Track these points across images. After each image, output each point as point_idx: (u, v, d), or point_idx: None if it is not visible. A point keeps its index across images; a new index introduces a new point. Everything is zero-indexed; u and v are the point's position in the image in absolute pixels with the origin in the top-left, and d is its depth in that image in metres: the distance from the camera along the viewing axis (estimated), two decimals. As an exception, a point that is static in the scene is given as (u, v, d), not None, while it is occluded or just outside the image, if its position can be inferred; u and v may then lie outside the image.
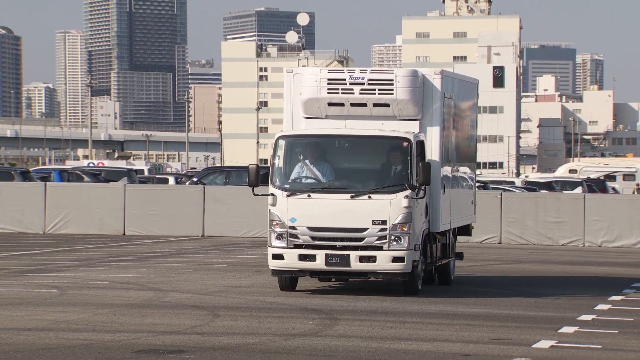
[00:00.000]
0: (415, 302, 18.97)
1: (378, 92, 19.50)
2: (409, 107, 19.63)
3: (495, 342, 14.84)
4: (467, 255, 29.22)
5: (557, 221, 36.05)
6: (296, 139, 19.41)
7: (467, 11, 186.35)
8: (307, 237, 18.87)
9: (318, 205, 18.90)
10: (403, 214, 18.79)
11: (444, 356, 13.68)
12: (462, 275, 24.20)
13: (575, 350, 14.32)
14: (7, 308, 17.44)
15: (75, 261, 26.56)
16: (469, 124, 22.99)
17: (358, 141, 19.34)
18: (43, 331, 15.09)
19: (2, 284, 21.01)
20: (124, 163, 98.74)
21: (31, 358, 13.04)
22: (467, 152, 22.87)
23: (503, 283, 23.26)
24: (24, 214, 37.17)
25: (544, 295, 21.05)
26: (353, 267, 18.83)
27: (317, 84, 19.60)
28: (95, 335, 14.73)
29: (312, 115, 19.84)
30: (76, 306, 17.78)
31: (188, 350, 13.66)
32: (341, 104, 19.66)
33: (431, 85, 19.88)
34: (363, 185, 19.00)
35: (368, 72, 19.64)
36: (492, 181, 50.89)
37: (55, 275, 23.07)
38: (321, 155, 19.24)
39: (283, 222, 18.91)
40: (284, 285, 19.67)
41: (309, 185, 19.07)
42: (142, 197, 37.28)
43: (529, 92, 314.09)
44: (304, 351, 13.85)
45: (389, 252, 18.82)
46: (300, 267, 18.99)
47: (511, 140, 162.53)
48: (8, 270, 23.84)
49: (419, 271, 19.40)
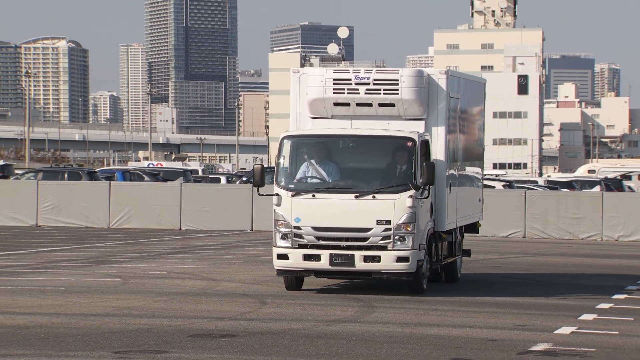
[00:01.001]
0: (445, 291, 18.89)
1: (383, 92, 18.14)
2: (414, 106, 18.25)
3: (519, 328, 14.75)
4: (493, 249, 29.06)
5: (577, 217, 35.84)
6: (300, 139, 18.01)
7: (494, 24, 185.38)
8: (312, 237, 17.49)
9: (322, 205, 17.53)
10: (407, 213, 17.40)
11: (473, 341, 13.62)
12: (490, 265, 24.06)
13: (594, 336, 14.21)
14: (75, 295, 17.56)
15: (136, 253, 26.69)
16: (476, 123, 21.43)
17: (362, 141, 17.96)
18: (108, 317, 15.17)
19: (71, 274, 21.16)
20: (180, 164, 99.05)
21: (97, 341, 13.12)
22: (474, 151, 21.28)
23: (527, 274, 23.11)
24: (90, 210, 37.39)
25: (565, 285, 20.89)
26: (357, 267, 17.44)
27: (323, 84, 18.27)
28: (155, 321, 14.78)
29: (318, 115, 18.49)
30: (137, 294, 17.87)
31: (238, 335, 13.69)
32: (347, 104, 18.30)
33: (436, 85, 18.45)
34: (367, 185, 17.60)
35: (373, 72, 18.28)
36: (516, 180, 50.66)
37: (119, 266, 23.19)
38: (325, 155, 17.88)
39: (288, 222, 17.54)
40: (290, 285, 18.27)
41: (313, 185, 17.69)
42: (196, 195, 37.40)
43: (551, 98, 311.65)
44: (344, 336, 13.83)
45: (393, 252, 17.38)
46: (304, 267, 17.59)
47: (534, 143, 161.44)
48: (76, 262, 24.01)
49: (423, 270, 17.94)
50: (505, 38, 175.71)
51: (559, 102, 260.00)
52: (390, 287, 18.96)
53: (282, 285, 18.83)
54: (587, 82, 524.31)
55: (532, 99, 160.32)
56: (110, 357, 12.06)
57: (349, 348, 12.96)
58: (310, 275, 17.89)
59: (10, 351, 12.30)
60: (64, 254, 25.94)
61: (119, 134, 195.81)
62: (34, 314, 15.35)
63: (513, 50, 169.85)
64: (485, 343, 13.47)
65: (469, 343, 13.46)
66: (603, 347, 13.38)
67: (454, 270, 20.26)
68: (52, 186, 38.56)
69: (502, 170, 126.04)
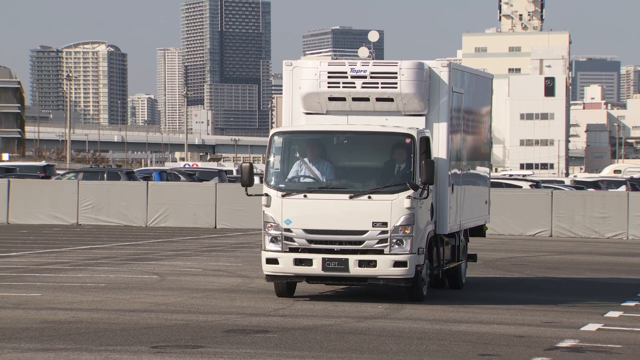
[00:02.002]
0: (472, 290, 18.82)
1: (381, 85, 16.30)
2: (414, 101, 16.41)
3: (546, 325, 14.67)
4: (520, 247, 28.84)
5: (602, 216, 35.61)
6: (291, 135, 16.15)
7: (521, 28, 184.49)
8: (303, 240, 15.74)
9: (315, 206, 15.73)
10: (405, 215, 15.59)
11: (500, 337, 13.56)
12: (517, 263, 23.94)
13: (620, 333, 14.11)
14: (114, 292, 17.65)
15: (173, 251, 26.78)
16: (482, 120, 19.49)
17: (357, 137, 16.08)
18: (145, 312, 15.23)
19: (110, 271, 21.28)
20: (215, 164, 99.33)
21: (135, 336, 13.18)
22: (480, 149, 19.37)
23: (553, 271, 22.98)
24: (129, 209, 37.57)
25: (591, 282, 20.75)
26: (352, 272, 15.67)
27: (317, 78, 16.42)
28: (191, 316, 14.83)
29: (313, 111, 16.68)
30: (174, 290, 17.92)
31: (272, 330, 13.70)
32: (342, 99, 16.49)
33: (438, 79, 16.60)
34: (363, 184, 15.81)
35: (370, 64, 16.38)
36: (543, 180, 50.41)
37: (156, 263, 23.28)
38: (318, 153, 16.04)
39: (277, 224, 15.78)
40: (281, 292, 16.53)
41: (305, 185, 15.88)
42: (231, 195, 37.47)
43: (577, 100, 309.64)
44: (375, 332, 13.81)
45: (390, 257, 15.59)
46: (295, 272, 15.86)
47: (561, 143, 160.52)
48: (115, 259, 24.13)
49: (423, 276, 16.16)
50: (532, 41, 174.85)
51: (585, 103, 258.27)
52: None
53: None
54: (613, 84, 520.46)
55: (558, 100, 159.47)
56: (148, 351, 12.11)
57: (379, 344, 12.94)
58: (302, 281, 16.25)
59: (53, 345, 12.39)
60: (103, 252, 26.08)
61: (156, 135, 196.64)
62: (75, 309, 15.44)
63: (540, 53, 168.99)
64: (512, 339, 13.41)
65: (497, 339, 13.40)
66: (629, 343, 13.27)
67: (458, 275, 18.38)
68: (92, 186, 38.78)
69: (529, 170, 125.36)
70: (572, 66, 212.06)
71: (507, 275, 21.87)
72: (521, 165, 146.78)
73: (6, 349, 12.05)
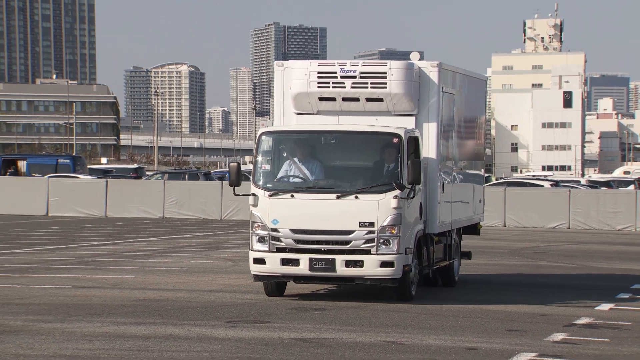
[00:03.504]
0: (496, 276, 18.65)
1: (371, 85, 14.45)
2: (404, 101, 14.52)
3: (565, 305, 14.50)
4: (541, 238, 28.52)
5: (614, 211, 35.30)
6: (279, 135, 14.33)
7: (543, 49, 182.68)
8: (290, 240, 13.88)
9: (302, 206, 13.88)
10: (392, 215, 13.67)
11: (525, 315, 13.43)
12: (539, 252, 23.68)
13: (630, 312, 13.93)
14: (193, 275, 17.76)
15: (243, 240, 26.91)
16: (476, 121, 17.36)
17: (345, 137, 14.23)
18: (220, 292, 15.27)
19: (191, 257, 21.42)
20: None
21: (212, 312, 13.26)
22: (473, 149, 17.25)
23: (572, 260, 22.71)
24: (206, 205, 37.85)
25: (604, 268, 20.49)
26: (339, 272, 13.78)
27: (307, 78, 14.60)
28: (259, 296, 14.82)
29: (303, 111, 14.83)
30: (245, 274, 17.99)
31: (328, 309, 13.68)
32: (332, 99, 14.64)
33: (428, 79, 14.69)
34: (350, 184, 13.94)
35: (360, 64, 14.58)
36: (562, 180, 49.98)
37: (230, 250, 23.38)
38: (305, 153, 14.18)
39: (265, 224, 13.99)
40: (270, 291, 14.59)
41: (292, 185, 14.04)
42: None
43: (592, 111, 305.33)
44: (416, 310, 13.74)
45: (377, 257, 13.70)
46: (282, 272, 13.98)
47: (577, 148, 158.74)
48: (195, 247, 24.30)
49: (411, 276, 14.20)
50: (552, 60, 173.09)
51: (599, 114, 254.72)
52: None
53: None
54: (623, 97, 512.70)
55: (575, 111, 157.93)
56: (223, 326, 12.17)
57: (420, 320, 12.89)
58: (289, 281, 14.33)
59: (144, 320, 12.52)
60: (185, 241, 26.28)
61: (229, 142, 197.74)
62: (161, 289, 15.57)
63: (559, 71, 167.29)
64: (536, 317, 13.27)
65: (522, 317, 13.28)
66: (637, 321, 13.09)
67: (450, 274, 16.34)
68: (176, 185, 39.13)
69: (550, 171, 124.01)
70: (587, 81, 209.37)
71: (530, 263, 21.65)
72: (543, 167, 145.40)
73: (105, 322, 12.22)
